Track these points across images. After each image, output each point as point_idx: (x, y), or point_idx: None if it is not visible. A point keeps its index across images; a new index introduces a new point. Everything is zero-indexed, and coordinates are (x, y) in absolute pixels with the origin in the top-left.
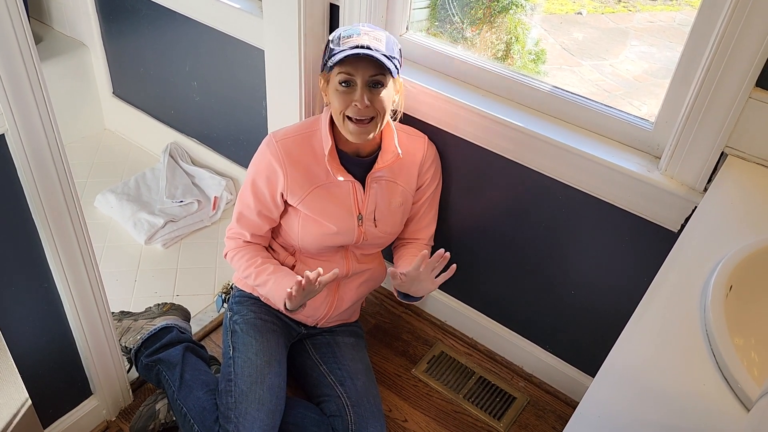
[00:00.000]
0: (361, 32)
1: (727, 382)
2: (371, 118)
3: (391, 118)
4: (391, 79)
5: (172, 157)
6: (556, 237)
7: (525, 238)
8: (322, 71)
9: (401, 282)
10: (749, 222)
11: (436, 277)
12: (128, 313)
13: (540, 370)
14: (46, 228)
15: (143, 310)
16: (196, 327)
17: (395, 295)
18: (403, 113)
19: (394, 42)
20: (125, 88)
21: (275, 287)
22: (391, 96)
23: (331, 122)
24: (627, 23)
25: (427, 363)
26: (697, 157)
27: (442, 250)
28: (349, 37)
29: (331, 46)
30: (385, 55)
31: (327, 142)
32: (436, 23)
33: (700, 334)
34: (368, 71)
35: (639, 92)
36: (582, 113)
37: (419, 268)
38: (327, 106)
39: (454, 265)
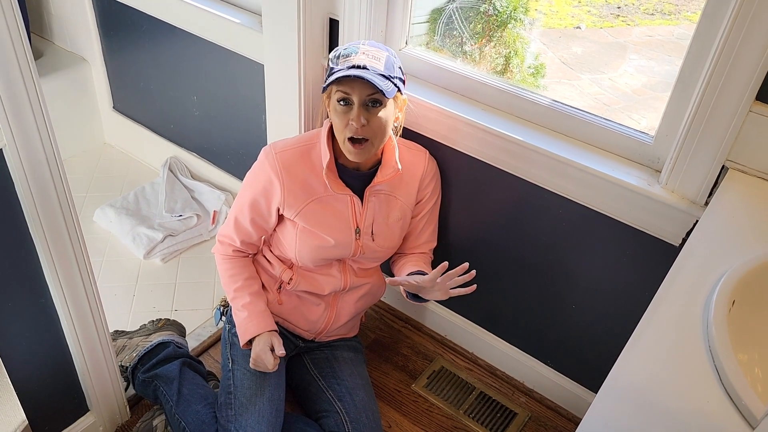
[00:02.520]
0: (359, 51)
1: (731, 398)
2: (366, 139)
3: (393, 132)
4: (391, 99)
5: (171, 171)
6: (557, 251)
7: (525, 253)
8: (323, 91)
9: (410, 286)
10: (751, 236)
11: (451, 288)
12: (123, 332)
13: (541, 386)
14: (44, 243)
15: (138, 327)
16: (194, 342)
17: (403, 295)
18: (403, 128)
19: (394, 61)
20: (125, 103)
21: (244, 325)
22: (390, 115)
23: (330, 136)
24: (626, 37)
25: (427, 378)
26: (698, 170)
27: (466, 264)
28: (347, 56)
29: (330, 64)
30: (383, 75)
31: (325, 156)
32: (436, 37)
33: (703, 349)
34: (365, 91)
35: (638, 106)
36: (581, 127)
37: (436, 279)
38: (327, 119)
39: (474, 286)
